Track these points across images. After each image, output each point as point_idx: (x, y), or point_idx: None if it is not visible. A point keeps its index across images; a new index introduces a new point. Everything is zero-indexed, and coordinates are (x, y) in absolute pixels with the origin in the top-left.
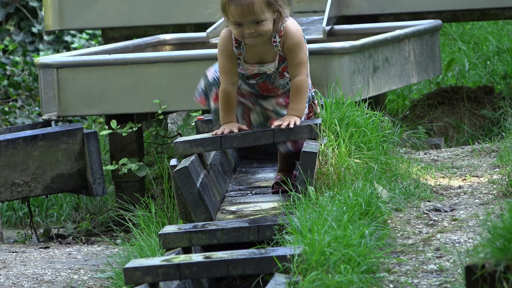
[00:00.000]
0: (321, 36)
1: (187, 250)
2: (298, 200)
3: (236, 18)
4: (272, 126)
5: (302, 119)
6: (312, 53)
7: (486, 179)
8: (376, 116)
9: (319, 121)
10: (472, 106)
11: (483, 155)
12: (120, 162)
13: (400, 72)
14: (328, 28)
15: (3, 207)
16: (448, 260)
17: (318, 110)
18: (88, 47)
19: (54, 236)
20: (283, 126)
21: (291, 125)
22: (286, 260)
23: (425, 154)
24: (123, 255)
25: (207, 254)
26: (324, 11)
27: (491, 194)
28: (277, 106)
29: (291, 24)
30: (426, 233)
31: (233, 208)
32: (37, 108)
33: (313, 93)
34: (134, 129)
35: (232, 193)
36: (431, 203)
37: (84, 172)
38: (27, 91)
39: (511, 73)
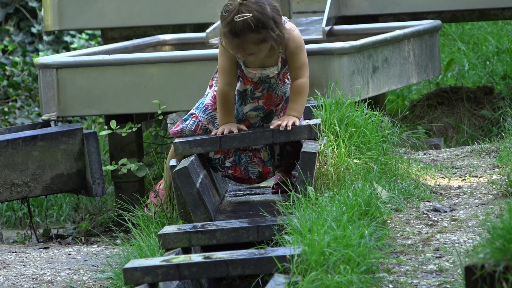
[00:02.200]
0: (320, 36)
1: (186, 251)
2: (298, 200)
3: (232, 50)
4: (272, 126)
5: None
6: (311, 53)
7: (486, 179)
8: (375, 117)
9: (318, 121)
10: (471, 107)
11: (482, 156)
12: (120, 162)
13: (399, 73)
14: (327, 28)
15: (2, 208)
16: (447, 260)
17: None
18: (87, 47)
19: (53, 237)
20: (281, 128)
21: (289, 126)
22: (286, 260)
23: (424, 154)
24: (123, 255)
25: (207, 254)
26: (323, 12)
27: (491, 194)
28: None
29: (291, 27)
30: (425, 233)
31: (232, 208)
32: (36, 109)
33: None
34: (134, 129)
35: (231, 193)
36: (431, 203)
37: (84, 173)
38: (27, 92)
39: (511, 74)
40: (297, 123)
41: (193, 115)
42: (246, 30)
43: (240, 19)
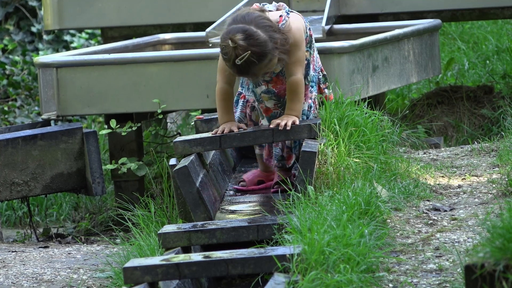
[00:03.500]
0: (320, 35)
1: (186, 250)
2: (298, 199)
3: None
4: (271, 126)
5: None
6: None
7: (486, 179)
8: (375, 116)
9: (318, 120)
10: (471, 106)
11: (482, 155)
12: (120, 161)
13: (399, 72)
14: (327, 27)
15: (2, 207)
16: (447, 260)
17: (326, 94)
18: (87, 46)
19: (53, 236)
20: (280, 127)
21: (289, 125)
22: (286, 259)
23: (424, 153)
24: (123, 254)
25: (207, 253)
26: (323, 11)
27: (491, 193)
28: None
29: (292, 22)
30: (425, 233)
31: (232, 207)
32: (36, 108)
33: (320, 77)
34: (134, 128)
35: (231, 192)
36: (431, 203)
37: (84, 172)
38: (27, 91)
39: (511, 73)
40: (297, 122)
41: (241, 95)
42: (251, 67)
43: (241, 61)
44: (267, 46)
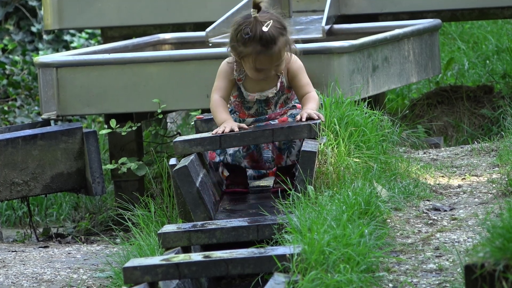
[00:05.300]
0: (320, 35)
1: (186, 250)
2: (298, 199)
3: (264, 66)
4: (303, 119)
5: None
6: (311, 52)
7: (486, 178)
8: (375, 115)
9: (318, 120)
10: (471, 106)
11: (482, 154)
12: (120, 161)
13: (399, 72)
14: (327, 27)
15: (2, 206)
16: (447, 260)
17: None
18: (87, 46)
19: (53, 236)
20: (315, 116)
21: (315, 115)
22: (286, 259)
23: (424, 153)
24: (123, 254)
25: (207, 253)
26: (323, 11)
27: (491, 193)
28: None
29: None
30: (425, 232)
31: (232, 207)
32: (36, 108)
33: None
34: (134, 128)
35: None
36: (431, 203)
37: (84, 172)
38: (27, 91)
39: (511, 72)
40: (315, 116)
41: None
42: (278, 35)
43: (268, 27)
44: (285, 23)
